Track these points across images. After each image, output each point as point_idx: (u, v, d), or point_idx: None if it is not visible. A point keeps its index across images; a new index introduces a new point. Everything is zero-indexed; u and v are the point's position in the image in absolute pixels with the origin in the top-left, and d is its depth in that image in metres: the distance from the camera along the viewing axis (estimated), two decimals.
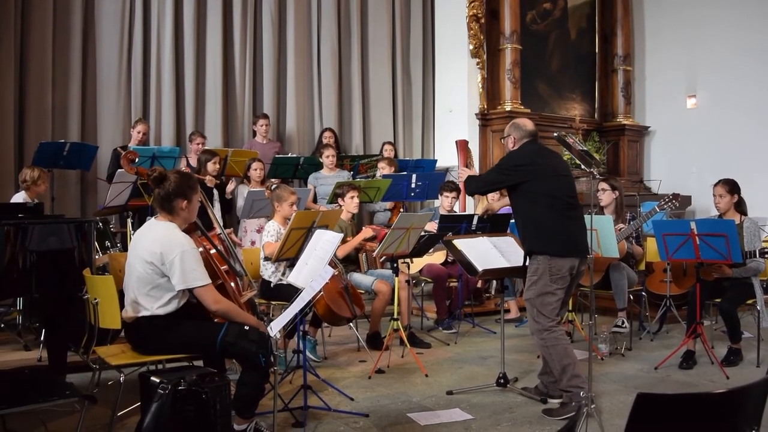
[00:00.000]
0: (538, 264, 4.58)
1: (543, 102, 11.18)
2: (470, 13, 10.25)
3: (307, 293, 3.80)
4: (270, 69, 9.48)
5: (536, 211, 4.61)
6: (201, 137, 8.29)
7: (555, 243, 4.55)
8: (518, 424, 4.37)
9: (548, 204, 4.58)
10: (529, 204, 4.65)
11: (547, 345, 4.61)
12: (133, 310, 3.86)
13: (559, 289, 4.57)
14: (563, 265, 4.54)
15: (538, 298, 4.58)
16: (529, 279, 4.66)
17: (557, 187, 4.65)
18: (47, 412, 4.13)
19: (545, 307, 4.58)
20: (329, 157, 8.31)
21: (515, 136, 4.85)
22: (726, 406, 2.08)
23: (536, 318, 4.62)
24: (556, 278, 4.54)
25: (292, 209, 5.73)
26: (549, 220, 4.58)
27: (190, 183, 3.99)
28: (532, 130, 4.87)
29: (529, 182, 4.62)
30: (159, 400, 3.33)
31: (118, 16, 8.52)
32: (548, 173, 4.64)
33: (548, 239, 4.57)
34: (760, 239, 5.87)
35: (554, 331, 4.60)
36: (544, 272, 4.55)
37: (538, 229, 4.61)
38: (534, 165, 4.65)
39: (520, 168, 4.66)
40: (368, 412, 4.55)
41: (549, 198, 4.59)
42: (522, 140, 4.83)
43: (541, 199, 4.60)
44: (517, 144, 4.83)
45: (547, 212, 4.59)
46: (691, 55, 11.31)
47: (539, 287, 4.58)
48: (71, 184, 8.21)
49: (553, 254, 4.54)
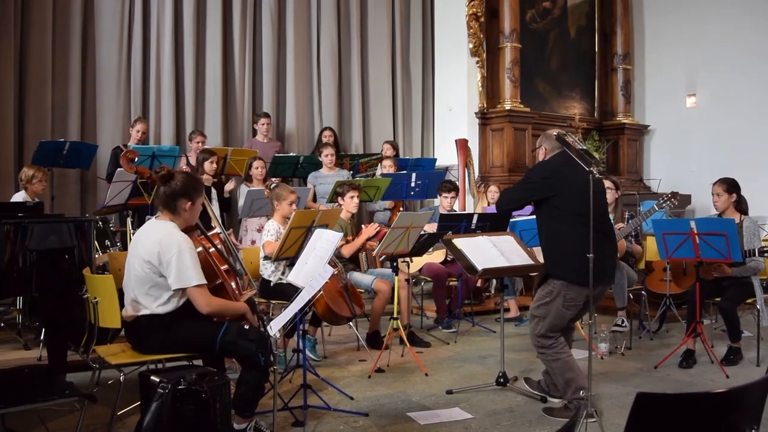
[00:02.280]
0: (553, 287, 4.40)
1: (542, 101, 11.18)
2: (470, 12, 10.25)
3: (306, 292, 3.80)
4: (269, 68, 9.48)
5: (559, 229, 4.35)
6: (201, 136, 8.30)
7: (575, 269, 4.22)
8: (518, 424, 4.37)
9: (573, 222, 4.28)
10: (552, 221, 4.40)
11: (548, 359, 4.51)
12: (132, 309, 3.86)
13: (570, 314, 4.44)
14: (580, 293, 4.32)
15: (545, 319, 4.44)
16: (541, 297, 4.50)
17: (585, 204, 4.22)
18: (47, 411, 4.13)
19: (551, 328, 4.45)
20: (328, 156, 8.31)
21: (547, 147, 4.62)
22: (726, 406, 2.08)
23: (538, 334, 4.50)
24: (569, 305, 4.38)
25: (292, 208, 5.74)
26: (572, 241, 4.27)
27: (196, 185, 4.00)
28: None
29: (554, 197, 4.35)
30: (159, 399, 3.33)
31: (118, 16, 8.52)
32: (576, 188, 4.25)
33: (568, 264, 4.30)
34: (759, 238, 5.87)
35: (554, 347, 4.47)
36: (558, 296, 4.37)
37: (560, 250, 4.36)
38: (560, 178, 4.37)
39: (546, 181, 4.39)
40: (368, 411, 4.55)
41: (574, 216, 4.27)
42: (554, 151, 4.56)
43: (565, 216, 4.32)
44: (548, 155, 4.60)
45: (570, 232, 4.29)
46: (690, 54, 11.32)
47: (549, 310, 4.41)
48: (71, 183, 8.21)
49: (571, 281, 4.32)
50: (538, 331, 4.50)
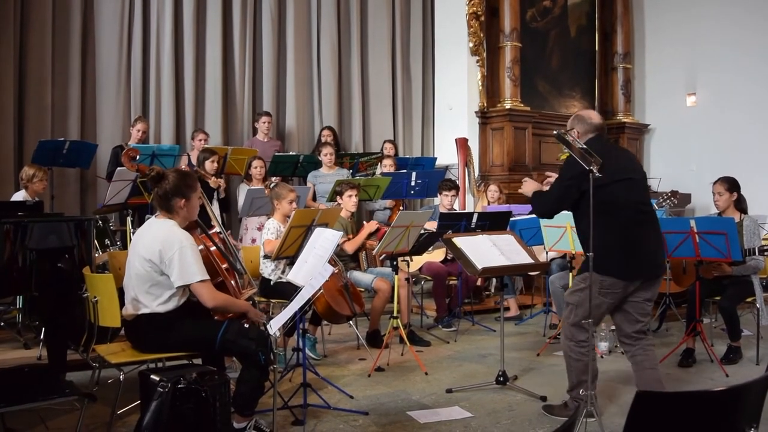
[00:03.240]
0: (588, 275, 4.08)
1: (543, 100, 11.17)
2: (470, 11, 10.24)
3: (306, 291, 3.80)
4: (270, 67, 9.48)
5: (599, 223, 3.97)
6: (203, 134, 8.31)
7: (613, 264, 4.04)
8: (517, 423, 4.37)
9: (612, 215, 4.03)
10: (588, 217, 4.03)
11: (571, 354, 4.31)
12: (133, 308, 3.86)
13: (608, 302, 4.17)
14: (617, 284, 4.11)
15: (580, 307, 4.18)
16: (576, 283, 4.29)
17: (624, 193, 4.07)
18: (47, 410, 4.14)
19: (585, 317, 4.13)
20: (327, 155, 8.31)
21: (579, 130, 4.34)
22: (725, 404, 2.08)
23: (571, 322, 4.26)
24: (606, 292, 4.13)
25: (292, 207, 5.74)
26: (611, 235, 4.03)
27: (188, 182, 3.98)
28: (598, 124, 4.35)
29: (595, 189, 4.00)
30: (159, 398, 3.33)
31: (118, 15, 8.51)
32: (617, 177, 4.06)
33: (606, 259, 4.01)
34: (759, 237, 5.87)
35: (584, 345, 4.22)
36: (594, 283, 4.06)
37: (595, 244, 4.00)
38: (601, 169, 4.01)
39: (584, 175, 3.99)
40: (368, 410, 4.56)
41: (613, 207, 4.04)
42: (586, 135, 4.30)
43: (603, 208, 3.99)
44: (581, 139, 4.28)
45: (610, 225, 4.02)
46: (691, 53, 11.31)
47: (584, 297, 4.09)
48: (71, 183, 8.21)
49: (607, 275, 4.08)
50: (572, 320, 4.26)
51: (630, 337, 4.30)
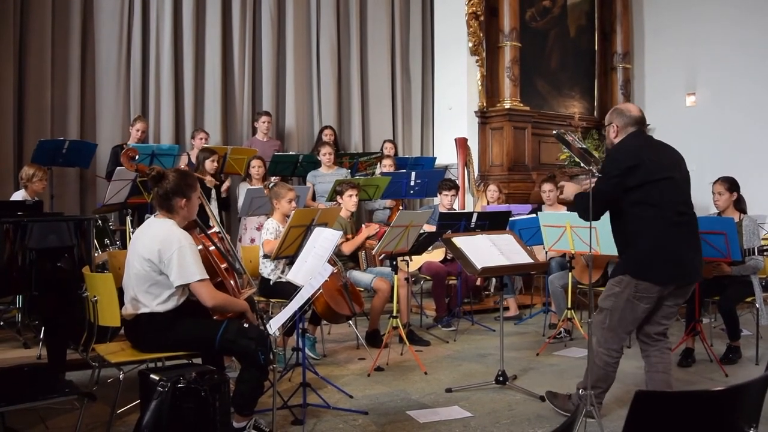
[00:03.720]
0: (624, 276, 4.01)
1: (542, 99, 11.18)
2: (469, 11, 10.23)
3: (306, 291, 3.80)
4: (269, 66, 9.48)
5: (636, 225, 3.91)
6: (204, 133, 8.32)
7: (649, 268, 3.92)
8: (517, 422, 4.37)
9: (653, 216, 3.89)
10: (628, 215, 3.96)
11: (596, 360, 4.14)
12: (132, 308, 3.86)
13: (642, 307, 4.01)
14: (652, 288, 3.96)
15: (615, 311, 4.05)
16: (609, 288, 4.11)
17: (662, 193, 3.89)
18: (47, 409, 4.15)
19: (619, 322, 4.06)
20: (326, 155, 8.30)
21: (618, 123, 4.14)
22: (725, 404, 2.08)
23: (606, 326, 4.12)
24: (641, 296, 3.97)
25: (291, 206, 5.74)
26: (646, 237, 3.90)
27: (188, 181, 3.98)
28: (638, 117, 4.14)
29: (636, 188, 3.90)
30: (158, 397, 3.33)
31: (117, 14, 8.51)
32: (658, 175, 3.90)
33: (641, 262, 3.93)
34: (759, 237, 5.87)
35: (612, 356, 4.14)
36: (628, 286, 3.97)
37: (631, 246, 3.95)
38: (642, 166, 3.91)
39: (629, 172, 3.89)
40: (367, 409, 4.56)
41: (654, 208, 3.88)
42: (626, 129, 4.12)
43: (644, 209, 3.88)
44: (621, 134, 4.13)
45: (646, 227, 3.91)
46: (690, 53, 11.30)
47: (618, 302, 4.01)
48: (70, 182, 8.21)
49: (642, 279, 3.94)
50: (607, 324, 4.10)
51: (650, 337, 4.22)
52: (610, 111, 4.26)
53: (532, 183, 10.11)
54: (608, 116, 4.24)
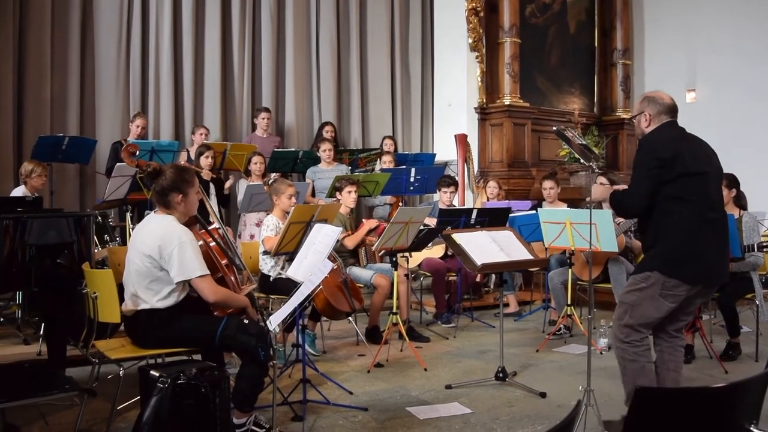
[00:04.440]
0: (651, 273, 3.79)
1: (542, 96, 11.16)
2: (469, 7, 10.22)
3: (306, 287, 3.80)
4: (269, 63, 9.47)
5: (668, 220, 3.72)
6: (204, 129, 8.32)
7: (679, 265, 3.73)
8: (517, 419, 4.37)
9: (687, 211, 3.70)
10: (661, 210, 3.75)
11: (625, 357, 3.90)
12: (132, 304, 3.86)
13: (667, 306, 3.80)
14: (681, 286, 3.76)
15: (636, 308, 3.84)
16: (634, 282, 3.88)
17: (702, 188, 3.73)
18: (47, 405, 4.15)
19: (641, 318, 3.83)
20: (326, 151, 8.30)
21: (650, 112, 3.91)
22: (725, 401, 2.08)
23: (624, 323, 3.88)
24: (668, 294, 3.77)
25: (291, 201, 5.74)
26: (677, 234, 3.72)
27: (185, 177, 3.97)
28: (672, 105, 3.94)
29: (669, 182, 3.71)
30: (158, 393, 3.33)
31: (117, 9, 8.50)
32: (694, 169, 3.73)
33: (671, 259, 3.74)
34: (759, 234, 5.87)
35: (638, 345, 3.86)
36: (656, 283, 3.76)
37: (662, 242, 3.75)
38: (680, 159, 3.71)
39: (667, 163, 3.68)
40: (367, 405, 4.56)
41: (689, 204, 3.71)
42: (660, 118, 3.90)
43: (678, 204, 3.70)
44: (653, 123, 3.90)
45: (677, 223, 3.72)
46: (690, 50, 11.30)
47: (642, 297, 3.80)
48: (70, 178, 8.21)
49: (672, 276, 3.75)
50: (625, 321, 3.87)
51: (666, 333, 4.06)
52: (641, 99, 4.02)
53: (532, 179, 10.11)
54: (638, 104, 4.00)
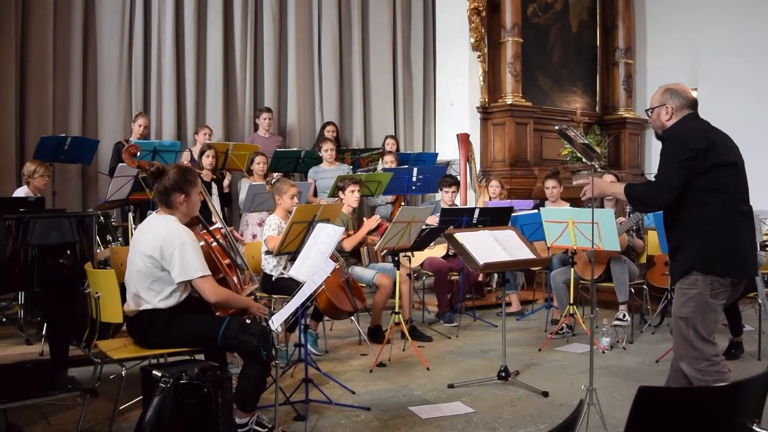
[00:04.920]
0: (695, 276, 3.57)
1: (544, 95, 11.17)
2: (471, 6, 10.23)
3: (308, 287, 3.80)
4: (271, 62, 9.47)
5: (702, 213, 3.55)
6: (207, 129, 8.33)
7: (720, 259, 3.55)
8: (519, 418, 4.37)
9: (721, 203, 3.56)
10: (693, 202, 3.57)
11: (703, 378, 3.53)
12: (134, 304, 3.87)
13: (720, 302, 3.60)
14: (726, 282, 3.58)
15: (696, 315, 3.55)
16: (684, 293, 3.61)
17: (734, 179, 3.60)
18: (49, 405, 4.15)
19: (706, 326, 3.55)
20: (328, 151, 8.30)
21: (672, 105, 3.73)
22: (727, 400, 2.07)
23: (693, 342, 3.55)
24: (718, 292, 3.56)
25: (293, 201, 5.74)
26: (719, 226, 3.55)
27: (188, 177, 3.97)
28: (694, 99, 3.77)
29: (702, 174, 3.54)
30: (161, 393, 3.34)
31: (119, 10, 8.51)
32: (727, 159, 3.58)
33: (711, 252, 3.55)
34: (760, 233, 5.86)
35: (717, 363, 3.55)
36: (704, 285, 3.55)
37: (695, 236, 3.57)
38: (713, 149, 3.55)
39: (700, 154, 3.51)
40: (370, 405, 4.56)
41: (723, 195, 3.56)
42: (682, 111, 3.73)
43: (712, 196, 3.55)
44: (675, 116, 3.73)
45: (718, 215, 3.56)
46: (692, 48, 11.28)
47: (699, 304, 3.55)
48: (72, 179, 8.22)
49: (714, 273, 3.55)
50: (693, 335, 3.55)
51: None
52: (662, 90, 3.80)
53: (534, 179, 10.11)
54: (659, 96, 3.79)
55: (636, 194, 3.81)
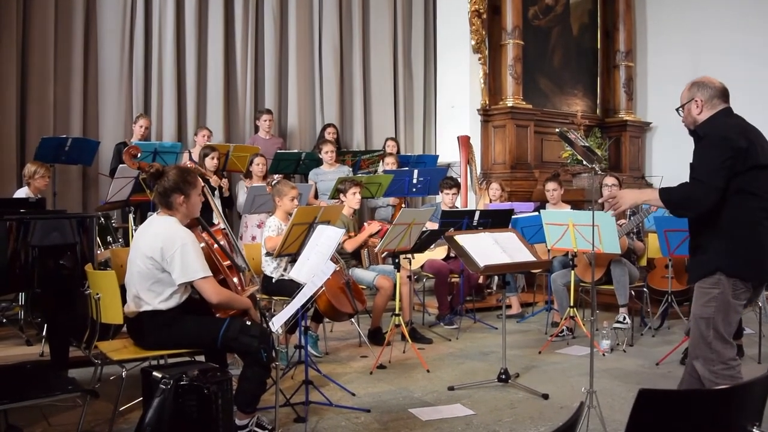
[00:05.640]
0: (718, 276, 3.46)
1: (545, 98, 11.17)
2: (472, 9, 10.23)
3: (308, 289, 3.80)
4: (271, 64, 9.48)
5: (733, 215, 3.41)
6: (207, 130, 8.33)
7: (746, 262, 3.45)
8: (519, 420, 4.37)
9: (754, 206, 3.42)
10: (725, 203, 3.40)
11: (717, 381, 3.44)
12: (135, 305, 3.87)
13: (741, 304, 3.51)
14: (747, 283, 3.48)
15: (718, 314, 3.45)
16: (706, 292, 3.49)
17: (764, 184, 3.41)
18: (49, 406, 4.15)
19: (727, 326, 3.47)
20: (328, 153, 8.30)
21: (701, 97, 3.55)
22: (728, 402, 2.08)
23: (712, 343, 3.47)
24: (740, 293, 3.47)
25: (293, 203, 5.74)
26: (748, 229, 3.43)
27: (187, 179, 3.97)
28: (723, 88, 3.57)
29: (738, 174, 3.36)
30: (161, 395, 3.34)
31: (120, 11, 8.52)
32: (764, 161, 3.40)
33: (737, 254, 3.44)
34: None
35: (733, 368, 3.47)
36: (727, 285, 3.44)
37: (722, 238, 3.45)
38: (752, 149, 3.38)
39: (741, 154, 3.34)
40: (370, 407, 4.56)
41: (756, 198, 3.41)
42: (713, 103, 3.54)
43: (745, 198, 3.39)
44: (706, 110, 3.55)
45: (750, 218, 3.42)
46: (693, 52, 11.28)
47: (720, 305, 3.45)
48: (73, 180, 8.22)
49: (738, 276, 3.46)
50: (713, 336, 3.46)
51: None
52: (688, 86, 3.64)
53: (535, 181, 10.11)
54: (687, 92, 3.63)
55: (677, 198, 3.60)
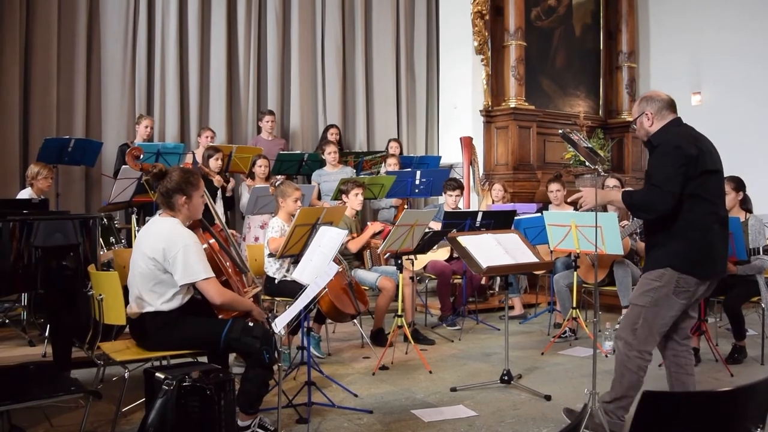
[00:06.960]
0: (665, 271, 3.73)
1: (547, 99, 11.17)
2: (475, 10, 10.24)
3: (311, 290, 3.80)
4: (274, 65, 9.49)
5: (686, 218, 3.66)
6: (210, 131, 8.34)
7: (696, 262, 3.70)
8: (522, 421, 4.36)
9: (705, 210, 3.68)
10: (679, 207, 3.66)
11: (627, 365, 3.83)
12: (137, 306, 3.87)
13: (680, 303, 3.76)
14: (691, 282, 3.73)
15: (652, 307, 3.75)
16: (647, 283, 3.79)
17: (717, 185, 3.72)
18: (52, 407, 4.16)
19: (655, 320, 3.76)
20: (331, 154, 8.30)
21: (650, 110, 3.85)
22: (730, 404, 2.07)
23: (636, 330, 3.79)
24: (681, 291, 3.72)
25: (296, 205, 5.74)
26: (700, 231, 3.67)
27: (190, 180, 3.98)
28: (670, 100, 3.89)
29: (690, 180, 3.64)
30: (163, 395, 3.34)
31: (123, 12, 8.54)
32: (712, 167, 3.71)
33: (688, 254, 3.68)
34: (764, 237, 5.85)
35: (645, 360, 3.81)
36: (670, 282, 3.71)
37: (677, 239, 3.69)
38: (701, 156, 3.68)
39: (692, 161, 3.63)
40: (372, 408, 4.55)
41: (707, 202, 3.68)
42: (662, 114, 3.86)
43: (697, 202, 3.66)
44: (656, 121, 3.86)
45: (701, 221, 3.68)
46: (695, 52, 11.28)
47: (657, 297, 3.73)
48: (76, 180, 8.23)
49: (687, 273, 3.70)
50: (640, 324, 3.77)
51: (678, 335, 3.98)
52: (638, 101, 3.94)
53: (537, 182, 10.11)
54: (637, 106, 3.93)
55: (637, 201, 3.83)
